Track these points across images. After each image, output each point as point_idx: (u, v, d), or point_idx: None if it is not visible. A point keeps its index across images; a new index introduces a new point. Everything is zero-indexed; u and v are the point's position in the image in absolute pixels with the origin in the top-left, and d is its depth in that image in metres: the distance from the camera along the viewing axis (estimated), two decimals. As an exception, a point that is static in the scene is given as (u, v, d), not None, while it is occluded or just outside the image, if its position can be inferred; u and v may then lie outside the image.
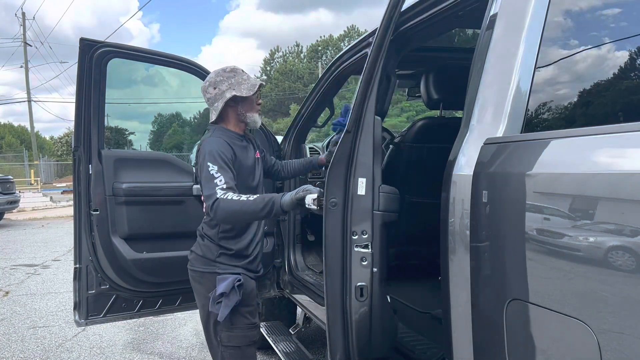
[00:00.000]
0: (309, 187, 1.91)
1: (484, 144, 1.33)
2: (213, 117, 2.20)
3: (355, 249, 1.75)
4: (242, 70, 2.23)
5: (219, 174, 1.97)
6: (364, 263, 1.76)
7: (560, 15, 1.31)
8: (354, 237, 1.74)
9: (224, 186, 1.94)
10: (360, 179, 1.76)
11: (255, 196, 1.94)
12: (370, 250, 1.77)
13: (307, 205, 1.87)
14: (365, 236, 1.76)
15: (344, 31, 49.52)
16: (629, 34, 1.14)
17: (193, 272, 2.21)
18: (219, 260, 2.14)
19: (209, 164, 1.99)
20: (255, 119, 2.25)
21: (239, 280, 2.09)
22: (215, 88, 2.18)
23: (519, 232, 1.17)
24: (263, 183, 2.38)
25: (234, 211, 1.91)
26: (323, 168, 2.64)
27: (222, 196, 1.91)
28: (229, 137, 2.16)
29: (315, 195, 1.85)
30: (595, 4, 1.25)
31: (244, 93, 2.15)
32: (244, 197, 1.91)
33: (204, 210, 2.22)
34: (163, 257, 2.92)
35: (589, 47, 1.23)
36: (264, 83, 2.32)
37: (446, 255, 1.42)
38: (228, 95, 2.14)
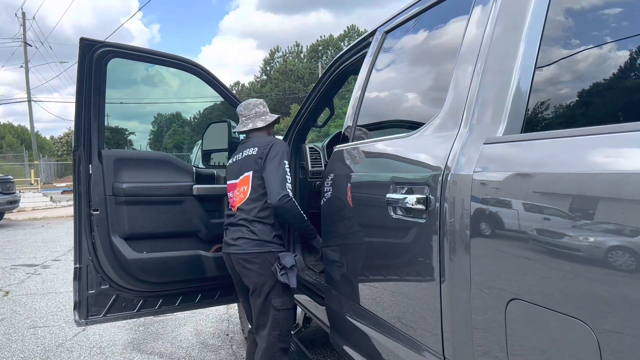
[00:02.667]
0: None
1: (484, 144, 1.33)
2: (260, 124, 2.74)
3: None
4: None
5: (289, 175, 2.51)
6: None
7: (560, 15, 1.31)
8: None
9: (290, 187, 2.49)
10: None
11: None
12: None
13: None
14: None
15: (344, 31, 49.57)
16: (630, 34, 1.14)
17: (245, 254, 2.50)
18: (273, 241, 2.51)
19: (285, 162, 2.53)
20: None
21: (296, 255, 2.53)
22: (264, 107, 2.81)
23: (519, 232, 1.17)
24: None
25: (294, 213, 2.50)
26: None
27: (292, 196, 2.48)
28: None
29: None
30: (596, 3, 1.25)
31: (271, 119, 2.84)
32: (301, 211, 2.56)
33: (246, 195, 2.56)
34: (163, 257, 2.92)
35: (589, 46, 1.23)
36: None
37: (445, 255, 1.42)
38: (275, 115, 2.81)
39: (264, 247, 2.47)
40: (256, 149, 2.59)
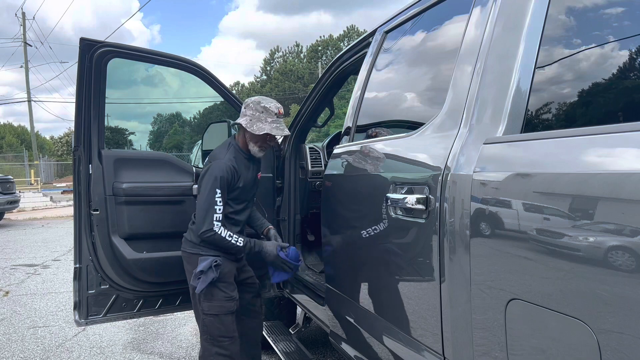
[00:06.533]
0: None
1: (484, 144, 1.33)
2: (238, 120, 2.54)
3: None
4: (277, 113, 2.49)
5: (220, 201, 2.36)
6: None
7: (560, 14, 1.31)
8: None
9: (220, 217, 2.36)
10: None
11: (242, 239, 2.46)
12: None
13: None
14: None
15: (344, 31, 49.59)
16: (629, 34, 1.14)
17: (183, 253, 2.58)
18: (201, 245, 2.47)
19: (217, 190, 2.37)
20: (255, 150, 2.57)
21: (216, 261, 2.44)
22: (245, 108, 2.52)
23: (518, 232, 1.17)
24: (254, 198, 2.75)
25: (222, 245, 2.42)
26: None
27: (217, 230, 2.36)
28: (237, 158, 2.51)
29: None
30: (596, 2, 1.25)
31: (250, 129, 2.46)
32: (234, 239, 2.42)
33: (194, 214, 2.51)
34: (163, 257, 2.92)
35: (589, 46, 1.23)
36: (282, 136, 2.61)
37: (445, 255, 1.42)
38: (240, 121, 2.50)
39: (193, 249, 2.50)
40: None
